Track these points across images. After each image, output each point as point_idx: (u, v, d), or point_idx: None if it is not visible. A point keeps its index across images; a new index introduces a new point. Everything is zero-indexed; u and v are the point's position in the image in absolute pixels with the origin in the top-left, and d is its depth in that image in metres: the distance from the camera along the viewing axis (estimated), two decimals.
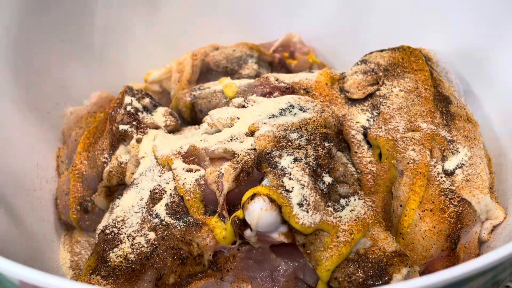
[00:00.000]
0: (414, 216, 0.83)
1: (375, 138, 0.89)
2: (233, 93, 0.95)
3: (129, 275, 0.79)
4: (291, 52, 1.18)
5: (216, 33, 1.19)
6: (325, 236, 0.75)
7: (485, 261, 0.61)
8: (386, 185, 0.88)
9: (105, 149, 0.94)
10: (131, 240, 0.81)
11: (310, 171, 0.78)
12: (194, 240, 0.80)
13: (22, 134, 1.00)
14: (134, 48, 1.18)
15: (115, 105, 0.95)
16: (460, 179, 0.86)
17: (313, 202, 0.76)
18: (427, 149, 0.87)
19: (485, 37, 1.01)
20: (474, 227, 0.85)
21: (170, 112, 0.96)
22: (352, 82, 0.95)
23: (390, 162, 0.88)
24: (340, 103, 0.94)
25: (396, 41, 1.01)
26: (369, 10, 1.16)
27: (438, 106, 0.91)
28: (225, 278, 0.80)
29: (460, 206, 0.84)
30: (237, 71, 1.06)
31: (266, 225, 0.75)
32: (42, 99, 1.05)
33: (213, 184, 0.81)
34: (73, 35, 1.11)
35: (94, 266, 0.81)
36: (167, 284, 0.79)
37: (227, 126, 0.87)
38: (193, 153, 0.85)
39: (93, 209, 0.95)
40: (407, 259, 0.76)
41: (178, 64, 1.07)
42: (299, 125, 0.82)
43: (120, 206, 0.86)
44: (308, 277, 0.79)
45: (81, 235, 0.97)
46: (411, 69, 0.95)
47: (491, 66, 0.99)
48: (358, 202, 0.79)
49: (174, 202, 0.82)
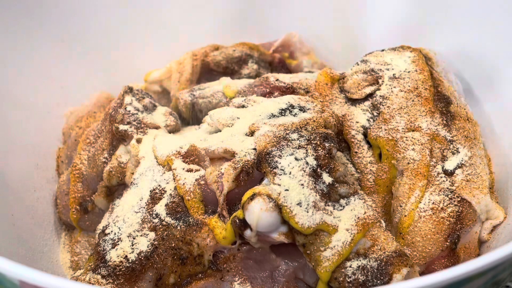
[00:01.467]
0: (414, 216, 0.83)
1: (375, 138, 0.89)
2: (233, 93, 0.95)
3: (129, 275, 0.79)
4: (291, 52, 1.18)
5: (216, 33, 1.19)
6: (325, 236, 0.75)
7: (485, 261, 0.61)
8: (386, 185, 0.88)
9: (105, 149, 0.94)
10: (131, 240, 0.81)
11: (310, 171, 0.78)
12: (194, 240, 0.80)
13: (22, 134, 1.00)
14: (134, 48, 1.18)
15: (115, 105, 0.95)
16: (460, 179, 0.86)
17: (313, 202, 0.76)
18: (427, 149, 0.87)
19: (485, 37, 1.01)
20: (474, 227, 0.85)
21: (170, 112, 0.96)
22: (352, 82, 0.95)
23: (390, 162, 0.88)
24: (340, 103, 0.94)
25: (396, 41, 1.01)
26: (369, 10, 1.16)
27: (438, 106, 0.91)
28: (225, 278, 0.80)
29: (460, 206, 0.84)
30: (237, 71, 1.06)
31: (266, 225, 0.75)
32: (42, 99, 1.05)
33: (213, 184, 0.81)
34: (73, 35, 1.11)
35: (94, 266, 0.81)
36: (167, 284, 0.79)
37: (227, 126, 0.87)
38: (193, 153, 0.85)
39: (93, 209, 0.95)
40: (407, 259, 0.76)
41: (178, 64, 1.07)
42: (299, 125, 0.82)
43: (120, 206, 0.86)
44: (308, 277, 0.79)
45: (81, 235, 0.97)
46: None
47: (491, 66, 0.99)
48: (358, 202, 0.79)
49: (174, 202, 0.82)
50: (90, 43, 1.14)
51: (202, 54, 1.07)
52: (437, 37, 1.06)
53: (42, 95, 1.05)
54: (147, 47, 1.19)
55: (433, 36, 1.07)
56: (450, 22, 1.05)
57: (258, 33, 1.19)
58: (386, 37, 1.11)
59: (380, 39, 1.11)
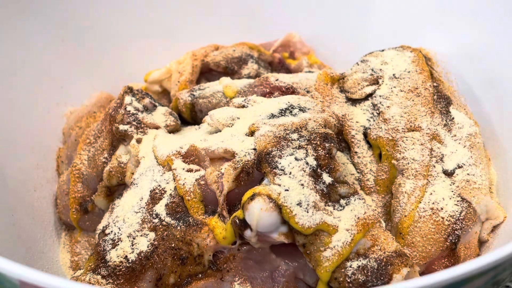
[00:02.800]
0: (414, 216, 0.83)
1: (375, 138, 0.89)
2: (233, 93, 0.95)
3: (129, 275, 0.79)
4: (291, 52, 1.18)
5: (216, 33, 1.19)
6: (325, 237, 0.75)
7: (485, 261, 0.61)
8: (386, 185, 0.88)
9: (105, 149, 0.94)
10: (131, 240, 0.81)
11: (310, 171, 0.78)
12: (194, 240, 0.80)
13: (22, 134, 1.00)
14: (134, 48, 1.18)
15: (115, 105, 0.95)
16: (460, 179, 0.86)
17: (313, 202, 0.76)
18: (427, 149, 0.87)
19: (485, 37, 1.01)
20: (474, 227, 0.85)
21: (170, 112, 0.96)
22: (352, 82, 0.95)
23: (390, 162, 0.88)
24: (340, 103, 0.94)
25: (396, 41, 1.01)
26: (369, 10, 1.16)
27: (438, 106, 0.91)
28: (225, 278, 0.80)
29: (460, 206, 0.84)
30: (237, 71, 1.06)
31: (266, 225, 0.75)
32: (42, 99, 1.05)
33: (213, 184, 0.81)
34: (73, 35, 1.11)
35: (94, 266, 0.81)
36: (167, 284, 0.79)
37: (227, 126, 0.87)
38: (193, 153, 0.85)
39: (93, 209, 0.95)
40: (407, 259, 0.76)
41: (178, 64, 1.07)
42: (299, 125, 0.82)
43: (120, 206, 0.86)
44: (308, 277, 0.79)
45: (81, 235, 0.97)
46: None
47: (491, 66, 0.99)
48: (358, 202, 0.79)
49: (174, 202, 0.82)
50: (90, 43, 1.14)
51: (202, 54, 1.07)
52: (437, 37, 1.06)
53: (42, 95, 1.05)
54: (147, 47, 1.19)
55: (433, 36, 1.07)
56: (450, 22, 1.05)
57: (258, 33, 1.20)
58: (386, 37, 1.11)
59: (380, 39, 1.11)
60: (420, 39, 1.05)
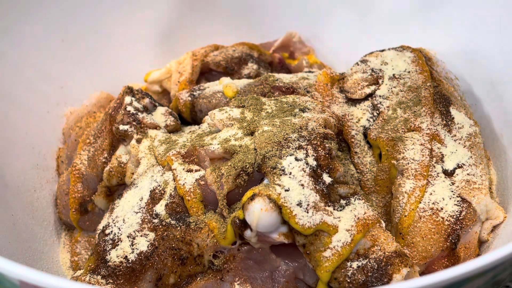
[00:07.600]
0: (414, 216, 0.83)
1: (375, 138, 0.89)
2: (233, 93, 0.95)
3: (129, 275, 0.79)
4: (291, 52, 1.18)
5: (216, 33, 1.19)
6: (325, 237, 0.75)
7: (485, 261, 0.61)
8: (386, 185, 0.88)
9: (105, 149, 0.94)
10: (131, 240, 0.81)
11: (310, 171, 0.78)
12: (194, 241, 0.80)
13: (22, 134, 1.00)
14: (134, 48, 1.18)
15: (115, 105, 0.95)
16: (460, 179, 0.86)
17: (313, 203, 0.76)
18: (427, 149, 0.87)
19: (485, 37, 1.01)
20: (474, 227, 0.85)
21: (170, 112, 0.96)
22: (352, 82, 0.95)
23: (390, 162, 0.88)
24: (340, 103, 0.94)
25: (396, 41, 1.01)
26: (369, 10, 1.16)
27: (438, 106, 0.91)
28: (225, 278, 0.80)
29: (460, 206, 0.84)
30: (237, 71, 1.06)
31: (266, 225, 0.75)
32: (42, 99, 1.05)
33: (213, 184, 0.81)
34: (73, 35, 1.11)
35: (94, 266, 0.81)
36: (167, 284, 0.79)
37: (227, 126, 0.87)
38: (193, 153, 0.85)
39: (93, 209, 0.95)
40: (407, 259, 0.76)
41: (178, 64, 1.07)
42: (299, 125, 0.82)
43: (120, 206, 0.86)
44: (308, 277, 0.79)
45: (81, 235, 0.97)
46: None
47: (491, 66, 0.99)
48: (358, 202, 0.79)
49: (174, 202, 0.82)
50: (90, 43, 1.14)
51: (202, 54, 1.07)
52: (437, 37, 1.06)
53: (42, 95, 1.05)
54: (147, 47, 1.19)
55: (433, 36, 1.07)
56: (450, 22, 1.05)
57: (258, 33, 1.20)
58: (386, 37, 1.11)
59: (380, 39, 1.11)
60: (420, 39, 1.05)
